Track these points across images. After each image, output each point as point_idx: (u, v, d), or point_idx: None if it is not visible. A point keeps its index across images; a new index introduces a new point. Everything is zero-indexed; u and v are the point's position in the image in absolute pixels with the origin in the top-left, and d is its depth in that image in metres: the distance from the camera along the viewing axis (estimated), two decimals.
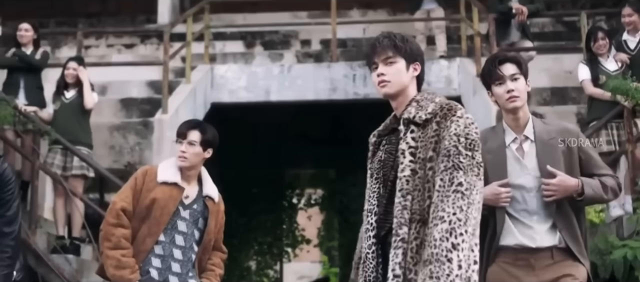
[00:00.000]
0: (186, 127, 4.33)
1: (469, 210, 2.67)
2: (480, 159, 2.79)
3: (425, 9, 11.17)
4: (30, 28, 8.21)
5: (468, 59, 10.51)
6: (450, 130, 2.79)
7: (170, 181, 4.22)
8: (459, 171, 2.72)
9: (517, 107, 3.51)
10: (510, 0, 8.97)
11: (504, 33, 9.04)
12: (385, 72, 2.96)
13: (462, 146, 2.76)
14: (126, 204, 4.15)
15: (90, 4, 14.86)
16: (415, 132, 2.88)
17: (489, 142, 3.54)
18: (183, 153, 4.25)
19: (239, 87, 10.72)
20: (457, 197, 2.68)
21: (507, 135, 3.57)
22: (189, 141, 4.26)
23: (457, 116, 2.82)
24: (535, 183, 3.47)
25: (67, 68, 7.86)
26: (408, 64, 2.98)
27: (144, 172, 4.30)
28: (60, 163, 7.39)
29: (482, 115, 9.06)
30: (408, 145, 2.87)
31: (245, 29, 13.18)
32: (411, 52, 2.99)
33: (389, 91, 2.97)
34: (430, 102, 2.91)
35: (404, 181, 2.83)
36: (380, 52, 2.98)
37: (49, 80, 8.52)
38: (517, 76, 3.51)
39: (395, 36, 3.01)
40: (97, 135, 8.24)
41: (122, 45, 13.34)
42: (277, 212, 18.58)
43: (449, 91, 10.39)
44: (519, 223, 3.47)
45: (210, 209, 4.37)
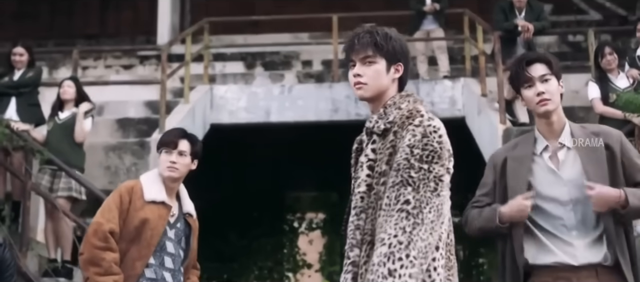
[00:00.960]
0: (176, 136, 4.04)
1: (415, 231, 2.35)
2: (441, 172, 2.45)
3: (425, 30, 10.99)
4: (24, 52, 8.03)
5: (472, 79, 10.32)
6: (404, 141, 2.48)
7: (159, 200, 3.94)
8: (407, 187, 2.41)
9: (548, 110, 3.15)
10: (516, 18, 8.75)
11: (510, 51, 8.81)
12: (363, 73, 2.64)
13: (415, 159, 2.44)
14: (114, 226, 3.82)
15: (89, 26, 14.76)
16: (376, 143, 2.59)
17: (517, 149, 3.26)
18: (173, 164, 3.95)
19: (239, 108, 10.53)
20: (401, 217, 2.37)
21: (538, 143, 3.23)
22: (180, 151, 3.99)
23: (414, 125, 2.50)
24: (572, 195, 3.12)
25: (62, 86, 7.68)
26: (389, 64, 2.65)
27: (128, 189, 3.95)
28: (48, 184, 7.18)
29: (487, 136, 8.87)
30: (367, 157, 2.59)
31: (245, 50, 13.03)
32: (393, 52, 2.65)
33: (365, 95, 2.66)
34: (395, 109, 2.60)
35: (358, 197, 2.56)
36: (359, 50, 2.65)
37: (46, 100, 8.33)
38: (547, 77, 3.16)
39: (377, 33, 2.65)
40: (92, 156, 8.05)
41: (120, 66, 13.18)
42: (278, 236, 18.31)
43: (453, 112, 10.22)
44: (557, 239, 3.12)
45: (191, 227, 4.11)
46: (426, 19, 10.97)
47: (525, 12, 8.78)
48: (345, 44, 2.72)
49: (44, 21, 14.63)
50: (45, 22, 14.62)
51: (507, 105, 8.60)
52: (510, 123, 8.50)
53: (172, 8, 14.06)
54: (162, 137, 4.12)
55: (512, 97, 8.69)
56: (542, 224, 3.15)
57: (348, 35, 2.74)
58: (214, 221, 15.69)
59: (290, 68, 12.62)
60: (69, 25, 14.53)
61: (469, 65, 10.67)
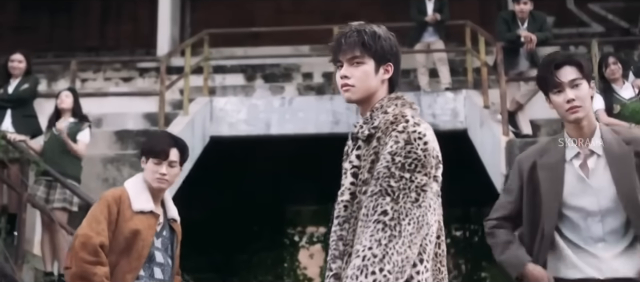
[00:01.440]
0: (167, 145, 3.82)
1: (392, 244, 2.21)
2: (423, 181, 2.31)
3: (425, 42, 10.91)
4: (23, 59, 7.95)
5: (474, 90, 10.23)
6: (386, 148, 2.35)
7: (147, 210, 3.76)
8: (385, 197, 2.28)
9: (579, 118, 2.98)
10: (519, 28, 8.64)
11: (513, 62, 8.72)
12: (350, 74, 2.51)
13: (397, 167, 2.30)
14: (104, 239, 3.61)
15: (89, 38, 14.72)
16: (361, 149, 2.46)
17: (546, 156, 3.07)
18: (163, 176, 3.77)
19: (239, 120, 10.44)
20: (378, 228, 2.24)
21: (568, 149, 3.06)
22: (170, 162, 3.81)
23: (398, 130, 2.36)
24: (601, 205, 2.96)
25: (60, 97, 7.61)
26: (378, 65, 2.51)
27: (116, 198, 3.73)
28: (43, 195, 7.09)
29: (489, 148, 8.77)
30: (351, 164, 2.47)
31: (245, 62, 12.96)
32: (382, 52, 2.51)
33: (352, 97, 2.53)
34: (381, 113, 2.47)
35: (341, 206, 2.45)
36: (346, 50, 2.52)
37: (44, 112, 8.25)
38: (578, 82, 2.96)
39: (365, 32, 2.51)
40: (90, 167, 7.95)
41: (120, 78, 13.10)
42: (278, 250, 18.22)
43: (455, 124, 10.13)
44: (582, 251, 2.97)
45: (176, 233, 3.94)
46: (427, 31, 10.89)
47: (527, 22, 8.66)
48: (332, 44, 2.59)
49: (44, 33, 14.59)
50: (44, 34, 14.57)
51: (510, 116, 8.49)
52: (513, 135, 8.39)
53: (172, 20, 14.01)
54: (151, 143, 3.87)
55: (515, 109, 8.59)
56: (567, 235, 3.02)
57: (336, 35, 2.59)
58: (214, 234, 15.60)
59: (290, 80, 12.54)
60: (69, 37, 14.49)
61: (470, 77, 10.58)
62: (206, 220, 16.09)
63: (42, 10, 14.82)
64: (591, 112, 3.04)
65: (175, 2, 14.32)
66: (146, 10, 14.59)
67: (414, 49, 10.96)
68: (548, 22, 8.77)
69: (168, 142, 3.85)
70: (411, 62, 11.67)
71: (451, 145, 10.63)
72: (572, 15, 14.12)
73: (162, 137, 3.97)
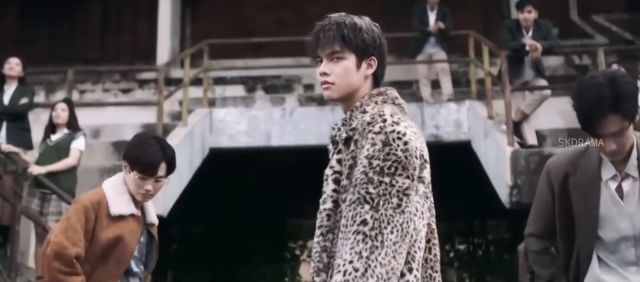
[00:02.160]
0: (155, 160, 3.48)
1: (374, 256, 2.05)
2: (405, 185, 2.13)
3: (427, 53, 10.78)
4: (19, 62, 7.89)
5: (478, 101, 10.08)
6: (363, 152, 2.17)
7: (127, 214, 3.49)
8: (363, 205, 2.10)
9: (618, 160, 2.78)
10: (523, 37, 8.48)
11: (517, 71, 8.56)
12: (330, 70, 2.33)
13: (375, 172, 2.12)
14: (80, 250, 3.34)
15: (89, 50, 14.58)
16: (342, 153, 2.27)
17: (580, 172, 2.86)
18: (148, 192, 3.49)
19: (239, 132, 10.29)
20: (358, 239, 2.07)
21: (604, 168, 2.84)
22: (157, 177, 3.51)
23: (374, 132, 2.17)
24: (635, 230, 2.79)
25: (55, 109, 7.46)
26: (360, 60, 2.33)
27: (94, 204, 3.43)
28: (37, 208, 6.98)
29: (494, 159, 8.61)
30: (332, 170, 2.28)
31: (246, 73, 12.82)
32: (364, 45, 2.33)
33: (333, 95, 2.35)
34: (360, 113, 2.29)
35: (324, 215, 2.26)
36: (325, 44, 2.33)
37: (41, 122, 8.13)
38: (622, 131, 2.67)
39: (345, 24, 2.33)
40: (87, 178, 7.81)
41: (119, 90, 12.98)
42: (279, 264, 18.05)
43: (458, 135, 9.99)
44: (615, 273, 2.82)
45: (154, 238, 3.69)
46: (428, 42, 10.77)
47: (532, 31, 8.50)
48: (310, 38, 2.40)
49: (43, 45, 14.45)
50: (44, 45, 14.43)
51: (515, 127, 8.33)
52: (518, 145, 8.23)
53: (172, 32, 13.89)
54: (138, 154, 3.51)
55: (520, 119, 8.44)
56: (600, 255, 2.86)
57: (314, 28, 2.40)
58: (214, 248, 15.44)
59: (291, 91, 12.41)
60: (68, 49, 14.34)
61: (474, 87, 10.43)
62: (206, 233, 15.95)
63: (41, 22, 14.71)
64: (630, 130, 2.78)
65: (176, 13, 14.20)
66: (146, 21, 14.47)
67: (416, 60, 10.83)
68: (553, 30, 8.60)
69: (157, 157, 3.50)
70: (413, 73, 11.55)
71: (454, 157, 10.59)
72: (576, 26, 13.99)
73: (151, 148, 3.53)
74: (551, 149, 8.16)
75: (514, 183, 7.76)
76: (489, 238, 17.71)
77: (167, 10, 13.81)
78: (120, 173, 3.62)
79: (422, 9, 10.85)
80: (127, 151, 3.60)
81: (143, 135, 3.76)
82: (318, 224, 2.26)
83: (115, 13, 15.06)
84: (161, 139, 3.66)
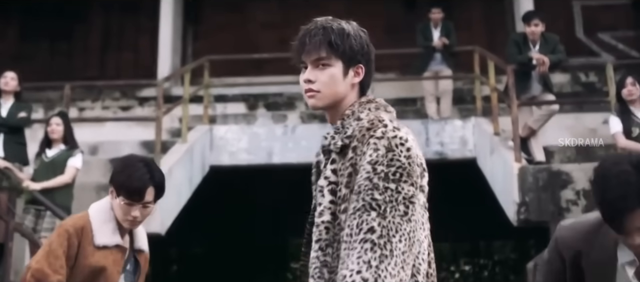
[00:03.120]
0: (142, 185, 3.25)
1: (383, 265, 1.93)
2: (410, 192, 2.03)
3: (433, 70, 10.61)
4: (15, 76, 7.75)
5: (484, 118, 9.89)
6: (365, 158, 2.06)
7: (112, 245, 3.30)
8: (370, 212, 1.99)
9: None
10: (530, 51, 8.29)
11: (524, 86, 8.35)
12: (315, 78, 2.21)
13: (380, 178, 2.02)
14: (61, 277, 3.15)
15: (89, 67, 14.45)
16: (336, 163, 2.15)
17: (594, 253, 2.53)
18: (135, 219, 3.28)
19: (240, 149, 10.10)
20: (365, 248, 1.95)
21: (621, 252, 2.50)
22: (144, 203, 3.27)
23: (376, 137, 2.08)
24: None
25: (50, 124, 7.31)
26: (347, 67, 2.22)
27: (78, 230, 3.24)
28: (31, 224, 6.81)
29: (500, 176, 8.41)
30: (328, 180, 2.15)
31: (247, 91, 12.65)
32: (352, 52, 2.22)
33: (318, 104, 2.23)
34: (353, 121, 2.18)
35: (322, 228, 2.12)
36: (310, 50, 2.20)
37: (37, 139, 7.97)
38: None
39: (332, 29, 2.21)
40: (83, 195, 7.63)
41: (118, 107, 12.81)
42: None
43: (463, 152, 9.80)
44: None
45: (141, 266, 3.48)
46: (434, 59, 10.61)
47: (539, 45, 8.30)
48: (295, 43, 2.26)
49: (43, 62, 14.32)
50: (44, 63, 14.31)
51: (522, 143, 8.13)
52: (526, 162, 8.02)
53: (173, 50, 13.73)
54: (124, 178, 3.28)
55: (527, 135, 8.23)
56: None
57: (300, 31, 2.26)
58: (215, 268, 15.21)
59: (293, 109, 12.23)
60: (69, 67, 14.20)
61: (479, 104, 10.24)
62: (207, 254, 15.73)
63: (41, 39, 14.60)
64: None
65: (177, 31, 14.07)
66: (147, 39, 14.34)
67: (422, 76, 10.67)
68: (561, 44, 8.40)
69: (144, 182, 3.26)
70: (417, 90, 11.39)
71: (459, 175, 10.38)
72: (582, 44, 13.83)
73: (137, 172, 3.29)
74: (559, 165, 7.95)
75: (522, 200, 7.54)
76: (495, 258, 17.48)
77: (169, 28, 13.68)
78: (107, 198, 3.41)
79: (425, 26, 10.72)
80: (113, 174, 3.37)
81: (130, 158, 3.52)
82: (316, 237, 2.12)
83: (116, 30, 14.95)
84: (150, 163, 3.41)
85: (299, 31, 2.26)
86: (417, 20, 11.29)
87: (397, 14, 13.94)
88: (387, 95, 12.63)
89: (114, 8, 15.02)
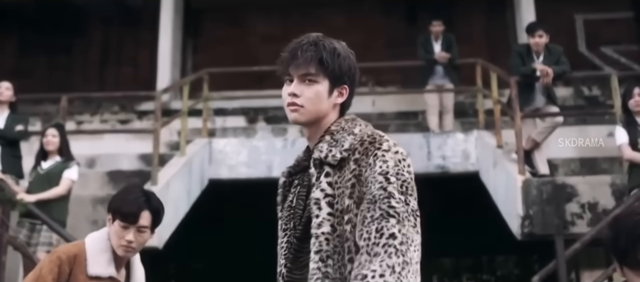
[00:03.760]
0: (137, 208, 3.24)
1: (405, 272, 1.94)
2: (416, 207, 2.08)
3: (436, 84, 10.50)
4: (9, 86, 7.66)
5: (486, 131, 9.76)
6: (374, 169, 2.07)
7: (105, 276, 3.22)
8: (389, 219, 1.99)
9: None
10: (534, 62, 8.15)
11: (528, 98, 8.21)
12: (300, 93, 2.19)
13: (394, 187, 2.04)
14: None
15: (88, 82, 14.37)
16: (331, 176, 2.14)
17: None
18: (130, 243, 3.23)
19: (239, 163, 9.97)
20: (389, 252, 1.94)
21: None
22: (139, 227, 3.25)
23: (383, 149, 2.10)
24: None
25: (46, 136, 7.19)
26: (333, 86, 2.21)
27: (70, 258, 3.18)
28: (25, 238, 6.66)
29: (503, 189, 8.27)
30: (324, 193, 2.12)
31: (247, 105, 12.54)
32: (340, 72, 2.22)
33: (300, 119, 2.21)
34: (348, 135, 2.18)
35: (322, 239, 2.09)
36: (301, 65, 2.19)
37: (33, 152, 7.85)
38: None
39: (324, 46, 2.21)
40: (79, 209, 7.54)
41: (117, 121, 12.70)
42: None
43: (466, 166, 9.66)
44: None
45: None
46: (436, 73, 10.50)
47: (543, 56, 8.17)
48: (284, 55, 2.24)
49: (42, 77, 14.25)
50: (43, 78, 14.23)
51: (526, 155, 7.98)
52: (529, 174, 7.87)
53: (172, 64, 13.63)
54: (120, 201, 3.28)
55: (531, 147, 8.10)
56: None
57: (290, 44, 2.24)
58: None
59: None
60: (68, 81, 14.10)
61: (482, 117, 10.12)
62: (206, 268, 15.56)
63: (40, 54, 14.53)
64: None
65: (177, 45, 13.98)
66: (147, 53, 14.25)
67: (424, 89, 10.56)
68: (564, 56, 8.28)
69: (139, 204, 3.26)
70: (418, 104, 11.28)
71: (462, 189, 10.24)
72: (584, 58, 13.74)
73: (133, 195, 3.32)
74: (564, 178, 7.81)
75: (526, 213, 7.40)
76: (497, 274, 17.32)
77: (168, 42, 13.59)
78: (106, 228, 3.36)
79: (426, 39, 10.62)
80: (110, 201, 3.37)
81: (129, 185, 3.61)
82: (316, 249, 2.08)
83: (115, 45, 14.88)
84: (148, 191, 3.41)
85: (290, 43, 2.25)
86: (418, 34, 11.19)
87: (398, 28, 13.87)
88: (388, 109, 12.64)
89: (114, 22, 14.96)
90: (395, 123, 11.52)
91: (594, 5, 13.84)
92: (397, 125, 11.38)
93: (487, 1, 14.21)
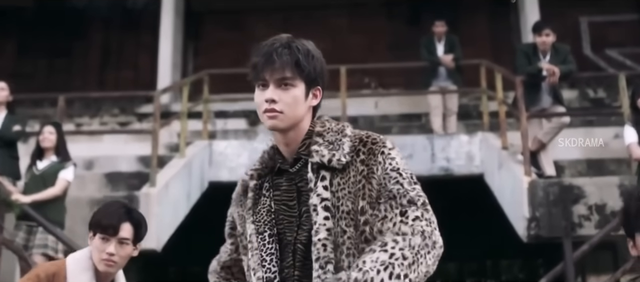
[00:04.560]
0: (117, 219, 3.21)
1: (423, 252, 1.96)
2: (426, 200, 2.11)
3: (439, 86, 10.35)
4: (5, 87, 7.53)
5: (491, 133, 9.62)
6: (385, 167, 2.08)
7: None
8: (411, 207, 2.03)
9: None
10: (540, 61, 8.00)
11: (534, 98, 8.05)
12: (278, 98, 2.10)
13: (409, 182, 2.07)
14: None
15: (88, 84, 14.24)
16: (326, 180, 2.09)
17: None
18: (111, 257, 3.17)
19: (240, 165, 9.81)
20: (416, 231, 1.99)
21: None
22: (120, 239, 3.19)
23: (388, 148, 2.12)
24: None
25: (43, 133, 7.04)
26: (308, 89, 2.15)
27: (49, 276, 3.11)
28: (22, 241, 6.53)
29: (509, 191, 8.12)
30: (320, 197, 2.07)
31: (248, 107, 12.40)
32: (314, 74, 2.15)
33: (279, 125, 2.12)
34: (342, 137, 2.15)
35: (319, 246, 2.05)
36: (277, 69, 2.09)
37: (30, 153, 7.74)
38: None
39: (298, 49, 2.13)
40: (77, 210, 7.39)
41: (117, 123, 12.57)
42: None
43: (470, 168, 9.50)
44: None
45: None
46: (440, 75, 10.36)
47: (550, 55, 8.01)
48: (257, 58, 2.13)
49: (42, 80, 14.13)
50: (42, 80, 14.11)
51: (532, 157, 7.83)
52: (535, 176, 7.72)
53: (173, 67, 13.51)
54: (99, 216, 3.25)
55: (537, 148, 7.94)
56: None
57: (262, 47, 2.14)
58: None
59: None
60: (67, 84, 13.97)
61: (486, 119, 9.97)
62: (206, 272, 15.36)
63: (40, 56, 14.41)
64: None
65: (177, 48, 13.86)
66: (147, 56, 14.14)
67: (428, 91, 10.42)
68: (571, 55, 8.12)
69: (119, 216, 3.22)
70: (422, 105, 11.14)
71: (466, 191, 10.08)
72: (589, 61, 13.60)
73: (113, 208, 3.29)
74: (570, 179, 7.65)
75: (532, 215, 7.24)
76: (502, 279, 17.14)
77: (169, 45, 13.48)
78: (88, 247, 3.28)
79: (429, 40, 10.48)
80: (90, 218, 3.32)
81: (109, 201, 3.52)
82: (315, 256, 2.04)
83: (115, 48, 14.76)
84: (130, 206, 3.37)
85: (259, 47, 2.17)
86: (421, 35, 11.06)
87: (400, 30, 13.74)
88: (391, 111, 12.49)
89: (114, 25, 14.85)
90: (398, 125, 11.38)
91: (598, 8, 13.71)
92: (400, 127, 11.24)
93: (491, 3, 14.08)
